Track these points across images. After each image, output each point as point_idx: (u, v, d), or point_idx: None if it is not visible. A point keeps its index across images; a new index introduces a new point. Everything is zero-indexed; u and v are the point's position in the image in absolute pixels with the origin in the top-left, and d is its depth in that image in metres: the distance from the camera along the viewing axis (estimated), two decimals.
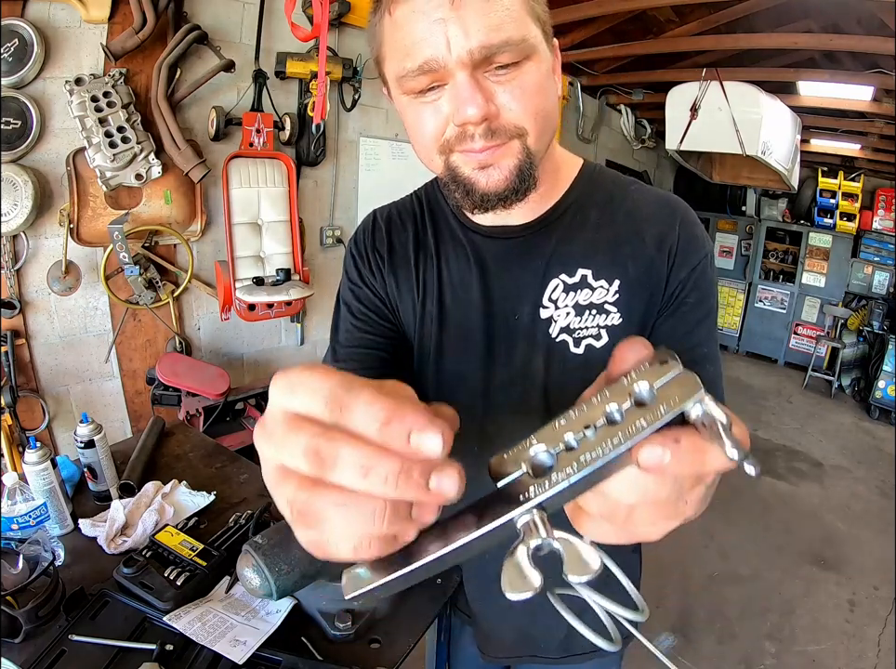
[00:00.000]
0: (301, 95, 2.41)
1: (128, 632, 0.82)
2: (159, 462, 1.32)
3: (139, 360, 2.22)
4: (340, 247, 2.77)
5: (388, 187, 2.92)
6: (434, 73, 0.53)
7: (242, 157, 2.21)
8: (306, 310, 2.71)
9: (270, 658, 0.80)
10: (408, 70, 0.53)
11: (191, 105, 2.11)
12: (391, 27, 0.54)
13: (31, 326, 1.94)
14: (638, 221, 0.66)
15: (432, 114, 0.56)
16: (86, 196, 1.92)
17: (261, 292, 2.19)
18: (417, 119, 0.57)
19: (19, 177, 1.73)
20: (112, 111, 1.81)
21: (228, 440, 2.11)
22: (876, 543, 2.84)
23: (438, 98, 0.55)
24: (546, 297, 0.67)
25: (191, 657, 0.79)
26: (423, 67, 0.52)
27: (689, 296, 0.65)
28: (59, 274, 1.92)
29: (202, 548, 0.97)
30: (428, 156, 0.60)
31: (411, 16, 0.52)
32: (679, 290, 0.65)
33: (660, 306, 0.66)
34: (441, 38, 0.51)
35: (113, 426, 2.19)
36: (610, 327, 0.65)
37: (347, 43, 2.50)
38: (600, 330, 0.65)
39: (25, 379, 1.94)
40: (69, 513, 1.06)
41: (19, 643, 0.80)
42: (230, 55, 2.05)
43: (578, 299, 0.66)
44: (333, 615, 0.85)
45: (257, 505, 1.14)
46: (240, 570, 0.80)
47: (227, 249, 2.19)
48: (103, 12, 1.80)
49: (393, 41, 0.55)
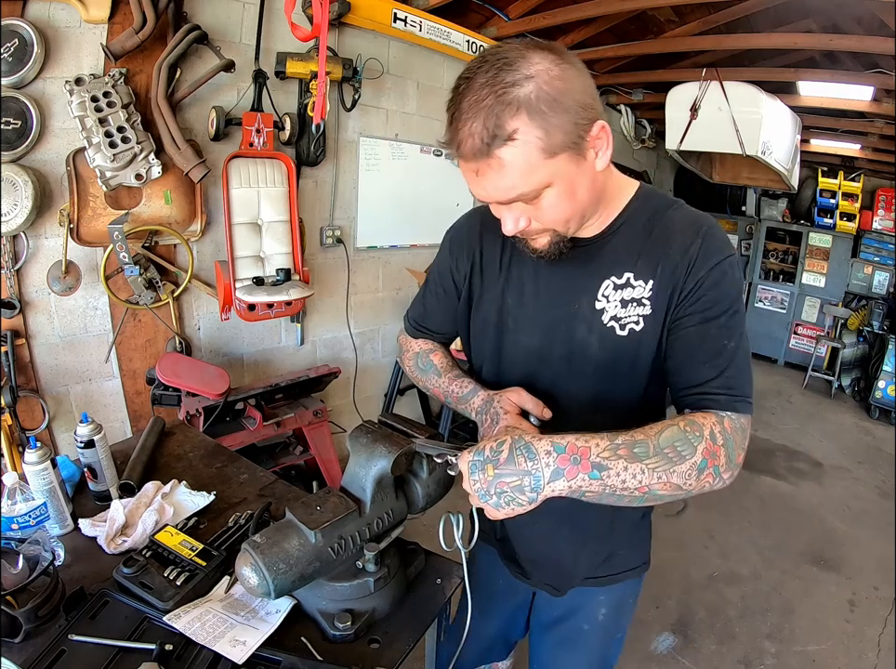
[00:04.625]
0: (301, 95, 2.41)
1: (128, 632, 0.82)
2: (159, 462, 1.32)
3: (139, 360, 2.22)
4: (340, 247, 2.77)
5: (388, 187, 2.93)
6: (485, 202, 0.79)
7: (242, 157, 2.21)
8: (306, 310, 2.72)
9: (270, 658, 0.80)
10: (469, 191, 0.78)
11: (191, 105, 2.11)
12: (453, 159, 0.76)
13: (31, 326, 1.94)
14: (669, 234, 0.84)
15: (491, 208, 0.82)
16: (86, 196, 1.92)
17: (261, 292, 2.20)
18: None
19: (19, 177, 1.73)
20: (112, 111, 1.81)
21: (228, 440, 2.11)
22: (875, 543, 2.84)
23: (491, 205, 0.80)
24: (601, 293, 0.87)
25: (191, 657, 0.79)
26: (477, 198, 0.78)
27: (711, 290, 0.81)
28: (59, 274, 1.92)
29: (202, 548, 0.97)
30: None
31: (460, 165, 0.74)
32: (701, 286, 0.81)
33: (680, 297, 0.83)
34: (480, 190, 0.75)
35: (113, 426, 2.20)
36: (644, 316, 0.85)
37: (347, 43, 2.50)
38: (639, 317, 0.85)
39: (25, 379, 1.94)
40: (69, 513, 1.06)
41: (18, 643, 0.80)
42: (230, 55, 2.05)
43: (623, 295, 0.86)
44: (333, 615, 0.85)
45: (257, 505, 1.14)
46: (238, 569, 0.80)
47: (227, 249, 2.19)
48: (103, 12, 1.80)
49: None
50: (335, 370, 2.50)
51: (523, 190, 0.71)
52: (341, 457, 2.59)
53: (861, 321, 5.03)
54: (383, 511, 0.88)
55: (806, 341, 5.45)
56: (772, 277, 5.66)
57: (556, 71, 0.67)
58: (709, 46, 2.90)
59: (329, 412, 2.56)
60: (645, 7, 2.59)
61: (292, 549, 0.79)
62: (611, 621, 1.11)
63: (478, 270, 0.98)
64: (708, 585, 2.47)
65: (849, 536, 2.90)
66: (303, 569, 0.79)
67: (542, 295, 0.92)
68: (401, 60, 2.76)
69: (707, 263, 0.80)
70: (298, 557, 0.79)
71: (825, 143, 4.49)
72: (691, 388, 0.81)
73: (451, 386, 0.98)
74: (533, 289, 0.92)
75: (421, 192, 3.08)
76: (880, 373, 4.43)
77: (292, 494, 1.23)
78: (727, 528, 2.90)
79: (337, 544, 0.82)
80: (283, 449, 2.51)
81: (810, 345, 5.32)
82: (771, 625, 2.26)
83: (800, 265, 5.38)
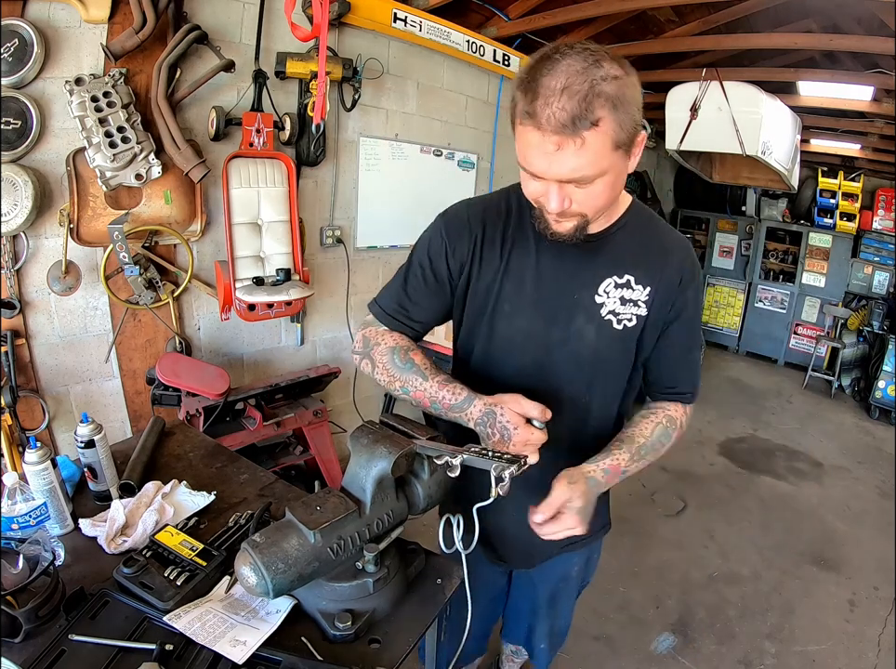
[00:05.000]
0: (301, 95, 2.41)
1: (128, 632, 0.82)
2: (159, 462, 1.32)
3: (139, 360, 2.22)
4: (340, 247, 2.77)
5: (388, 187, 2.93)
6: (538, 177, 0.82)
7: (242, 157, 2.21)
8: (306, 310, 2.72)
9: (270, 658, 0.80)
10: (523, 166, 0.83)
11: (191, 105, 2.11)
12: (519, 130, 0.80)
13: (31, 326, 1.94)
14: (666, 249, 1.00)
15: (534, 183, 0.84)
16: (86, 196, 1.92)
17: (261, 292, 2.19)
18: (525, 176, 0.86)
19: (19, 177, 1.73)
20: (112, 111, 1.81)
21: (228, 440, 2.11)
22: (876, 543, 2.84)
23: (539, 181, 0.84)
24: (602, 289, 0.98)
25: (191, 657, 0.79)
26: (531, 172, 0.82)
27: (689, 308, 1.01)
28: (59, 274, 1.92)
29: (202, 548, 0.97)
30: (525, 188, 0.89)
31: (531, 137, 0.77)
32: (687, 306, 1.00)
33: (672, 311, 1.00)
34: (544, 165, 0.79)
35: (113, 426, 2.20)
36: (639, 316, 0.99)
37: (347, 43, 2.50)
38: (633, 316, 0.99)
39: (25, 379, 1.94)
40: (69, 513, 1.06)
41: (19, 643, 0.80)
42: (230, 55, 2.05)
43: (623, 295, 0.98)
44: (333, 615, 0.85)
45: (257, 504, 1.14)
46: (237, 568, 0.80)
47: (227, 249, 2.19)
48: (103, 12, 1.80)
49: (518, 140, 0.81)
50: (335, 370, 2.50)
51: (587, 172, 0.79)
52: (341, 457, 2.59)
53: (861, 321, 5.03)
54: (383, 512, 0.88)
55: (806, 341, 5.45)
56: (772, 277, 5.66)
57: (629, 78, 0.78)
58: (709, 46, 2.90)
59: (329, 412, 2.56)
60: (645, 7, 2.59)
61: (291, 549, 0.79)
62: (580, 574, 1.36)
63: (478, 257, 1.01)
64: (708, 585, 2.47)
65: (849, 536, 2.90)
66: (302, 568, 0.79)
67: (542, 283, 0.99)
68: (401, 60, 2.76)
69: (693, 282, 1.00)
70: (297, 556, 0.79)
71: (825, 143, 4.49)
72: (670, 388, 1.08)
73: (440, 393, 0.94)
74: (534, 277, 0.99)
75: (421, 192, 3.07)
76: (880, 373, 4.42)
77: (292, 494, 1.23)
78: (727, 528, 2.90)
79: (337, 544, 0.82)
80: (283, 449, 2.51)
81: (810, 345, 5.31)
82: (771, 625, 2.26)
83: (800, 265, 5.38)
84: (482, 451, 0.86)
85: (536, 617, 1.41)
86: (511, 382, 0.98)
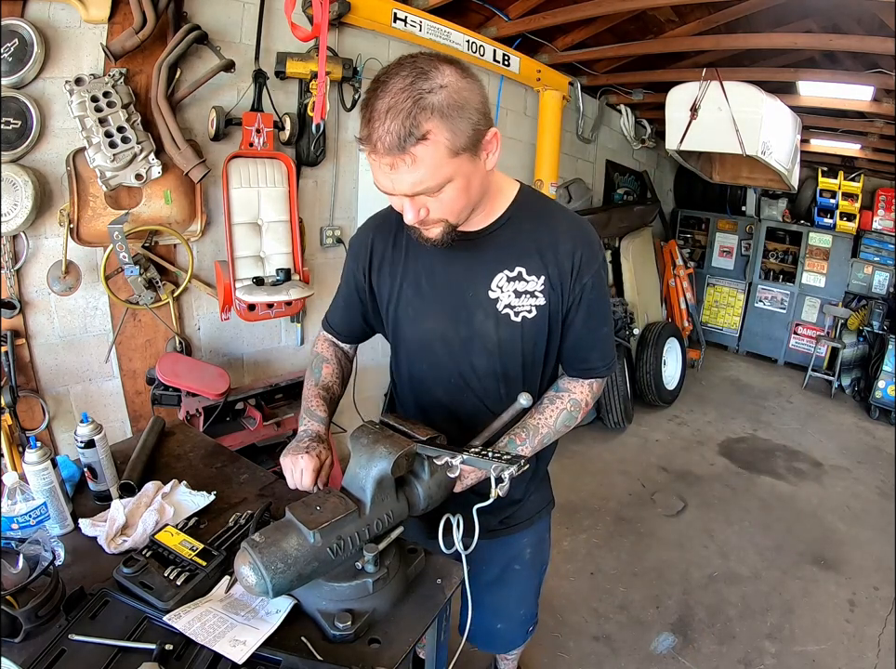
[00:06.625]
0: (301, 95, 2.40)
1: (128, 632, 0.82)
2: (159, 462, 1.32)
3: (139, 360, 2.22)
4: (340, 247, 2.77)
5: None
6: (389, 194, 0.88)
7: (242, 157, 2.21)
8: (306, 310, 2.71)
9: (270, 658, 0.80)
10: (374, 183, 0.87)
11: (191, 105, 2.11)
12: (367, 153, 0.83)
13: (31, 326, 1.94)
14: (556, 235, 1.01)
15: (391, 198, 0.90)
16: (86, 196, 1.92)
17: (261, 292, 2.19)
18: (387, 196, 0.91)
19: (19, 177, 1.73)
20: (112, 111, 1.81)
21: (228, 440, 2.11)
22: (876, 543, 2.84)
23: (394, 197, 0.89)
24: (495, 284, 1.01)
25: (191, 657, 0.79)
26: (381, 191, 0.88)
27: (593, 292, 1.03)
28: (58, 274, 1.92)
29: (202, 548, 0.97)
30: (390, 202, 0.94)
31: (371, 160, 0.82)
32: (585, 290, 1.02)
33: (570, 296, 1.02)
34: (388, 183, 0.84)
35: (113, 426, 2.19)
36: (538, 306, 1.02)
37: (347, 43, 2.50)
38: (532, 307, 1.02)
39: (25, 379, 1.94)
40: (69, 513, 1.06)
41: (19, 643, 0.80)
42: (230, 55, 2.05)
43: (517, 287, 1.01)
44: (333, 615, 0.85)
45: (257, 505, 1.14)
46: (237, 568, 0.80)
47: (227, 249, 2.19)
48: (103, 12, 1.80)
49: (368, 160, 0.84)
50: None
51: (430, 184, 0.82)
52: (341, 457, 2.59)
53: (861, 321, 5.02)
54: (383, 512, 0.88)
55: (806, 341, 5.45)
56: (772, 277, 5.66)
57: (462, 83, 0.80)
58: (709, 46, 2.89)
59: None
60: (645, 7, 2.59)
61: (290, 549, 0.79)
62: (536, 556, 1.35)
63: (375, 268, 1.11)
64: (708, 585, 2.47)
65: (849, 536, 2.90)
66: (301, 568, 0.79)
67: (438, 285, 1.04)
68: None
69: (590, 269, 1.01)
70: (297, 556, 0.79)
71: (825, 143, 4.48)
72: (581, 364, 1.11)
73: (311, 399, 1.14)
74: (430, 280, 1.05)
75: None
76: (880, 373, 4.42)
77: (292, 494, 1.23)
78: (727, 528, 2.90)
79: (336, 544, 0.82)
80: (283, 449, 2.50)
81: (810, 345, 5.31)
82: (771, 625, 2.26)
83: (800, 265, 5.38)
84: (482, 451, 0.87)
85: (488, 592, 1.30)
86: (434, 382, 1.12)
